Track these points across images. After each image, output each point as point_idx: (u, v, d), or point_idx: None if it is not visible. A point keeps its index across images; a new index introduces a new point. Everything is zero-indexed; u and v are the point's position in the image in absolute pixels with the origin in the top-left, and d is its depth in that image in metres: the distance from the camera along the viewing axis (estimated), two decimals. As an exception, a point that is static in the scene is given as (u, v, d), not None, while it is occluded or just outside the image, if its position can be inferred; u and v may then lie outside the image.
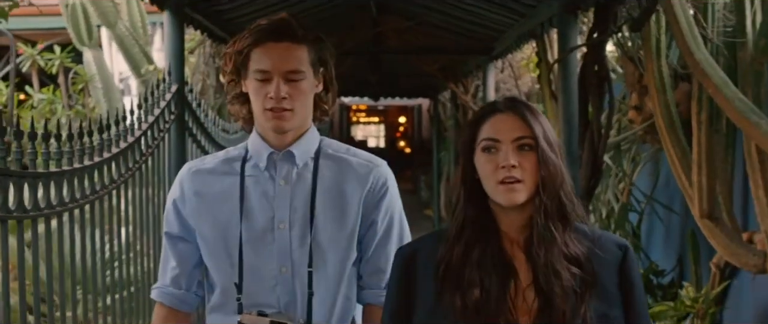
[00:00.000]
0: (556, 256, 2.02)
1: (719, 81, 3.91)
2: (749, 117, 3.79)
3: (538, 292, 2.03)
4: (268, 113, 2.33)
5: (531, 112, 2.08)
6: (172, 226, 2.46)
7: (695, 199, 4.46)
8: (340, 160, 2.44)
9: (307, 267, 2.37)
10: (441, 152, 15.66)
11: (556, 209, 2.05)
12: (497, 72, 9.55)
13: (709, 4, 4.10)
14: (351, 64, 10.99)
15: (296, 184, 2.39)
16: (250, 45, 2.33)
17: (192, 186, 2.44)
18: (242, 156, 2.43)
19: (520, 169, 2.01)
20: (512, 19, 6.87)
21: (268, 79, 2.32)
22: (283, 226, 2.38)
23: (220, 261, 2.41)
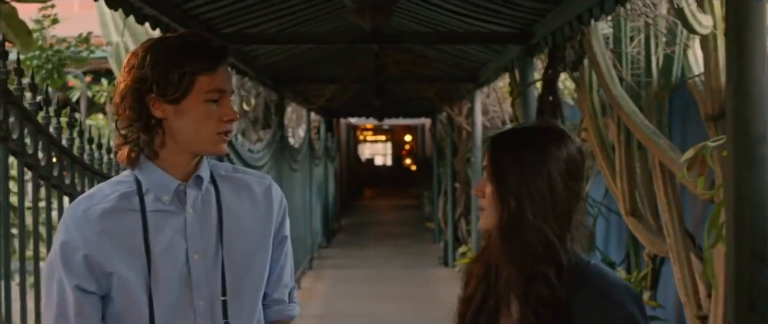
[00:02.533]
0: (522, 294, 2.01)
1: (630, 111, 5.20)
2: (652, 138, 5.07)
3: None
4: (220, 137, 2.20)
5: (501, 141, 2.09)
6: (82, 280, 2.18)
7: (620, 201, 5.75)
8: (235, 180, 2.34)
9: (221, 296, 2.24)
10: (440, 168, 16.89)
11: (520, 247, 2.01)
12: (484, 96, 10.88)
13: (622, 52, 5.39)
14: (357, 90, 12.37)
15: (204, 212, 2.26)
16: (204, 69, 2.15)
17: (95, 230, 2.19)
18: (135, 190, 2.22)
19: (485, 198, 2.07)
20: (489, 56, 8.22)
21: (219, 100, 2.18)
22: (197, 257, 2.24)
23: (134, 309, 2.20)
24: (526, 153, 2.01)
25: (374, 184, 35.60)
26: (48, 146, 3.17)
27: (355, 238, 18.29)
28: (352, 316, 9.80)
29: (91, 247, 2.16)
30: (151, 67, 2.11)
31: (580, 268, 2.01)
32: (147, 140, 2.16)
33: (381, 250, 16.08)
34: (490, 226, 2.06)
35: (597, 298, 1.97)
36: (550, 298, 1.97)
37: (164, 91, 2.11)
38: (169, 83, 2.11)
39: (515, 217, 1.99)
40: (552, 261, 1.99)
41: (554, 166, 2.00)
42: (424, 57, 9.77)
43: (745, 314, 2.64)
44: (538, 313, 1.97)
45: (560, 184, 1.99)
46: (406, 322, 9.45)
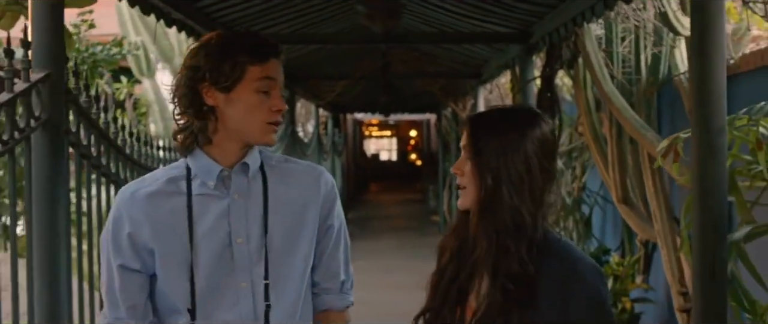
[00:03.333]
0: (491, 268, 2.09)
1: (621, 106, 5.61)
2: (641, 131, 5.48)
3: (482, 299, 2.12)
4: (271, 126, 2.30)
5: (480, 121, 2.16)
6: (127, 258, 2.32)
7: (613, 190, 6.17)
8: (284, 168, 2.43)
9: (263, 279, 2.33)
10: (445, 163, 17.30)
11: (491, 225, 2.09)
12: (487, 92, 11.30)
13: (613, 52, 5.81)
14: (364, 86, 12.79)
15: (249, 198, 2.35)
16: (258, 61, 2.27)
17: (142, 212, 2.32)
18: (184, 175, 2.34)
19: (463, 177, 2.14)
20: (491, 54, 8.63)
21: (268, 92, 2.28)
22: (240, 241, 2.33)
23: (175, 288, 2.32)
24: (504, 132, 2.08)
25: (380, 179, 35.93)
26: (98, 139, 3.59)
27: (362, 231, 18.68)
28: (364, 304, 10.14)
29: (136, 226, 2.29)
30: (205, 57, 2.25)
31: (551, 244, 2.09)
32: (200, 127, 2.28)
33: (388, 243, 16.47)
34: (469, 204, 2.13)
35: (566, 273, 2.05)
36: (519, 274, 2.04)
37: (216, 79, 2.24)
38: (220, 72, 2.23)
39: (492, 193, 2.07)
40: (524, 237, 2.07)
41: (530, 145, 2.08)
42: (430, 55, 10.18)
43: (708, 283, 3.06)
44: (505, 289, 2.04)
45: (536, 162, 2.08)
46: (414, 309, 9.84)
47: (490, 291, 2.08)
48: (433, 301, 2.21)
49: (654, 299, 6.59)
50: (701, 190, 3.05)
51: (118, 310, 2.34)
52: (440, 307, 2.19)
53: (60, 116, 3.11)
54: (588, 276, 2.07)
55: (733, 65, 5.20)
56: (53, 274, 3.06)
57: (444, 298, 2.19)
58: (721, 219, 3.03)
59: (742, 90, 5.08)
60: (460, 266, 2.18)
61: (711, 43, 2.99)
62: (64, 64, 3.16)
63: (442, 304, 2.19)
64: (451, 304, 2.17)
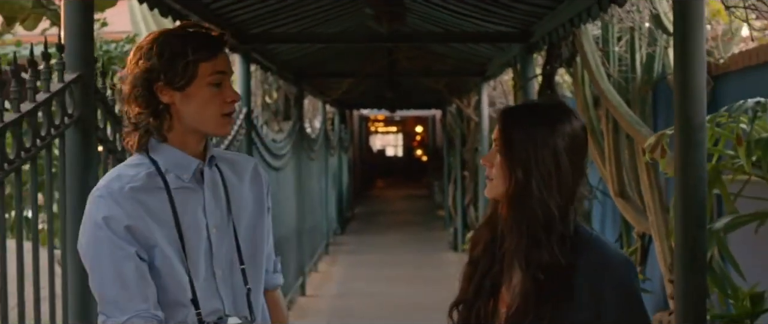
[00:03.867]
0: (523, 260, 2.13)
1: (617, 103, 5.85)
2: (636, 127, 5.72)
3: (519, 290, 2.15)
4: (225, 118, 2.37)
5: (512, 116, 2.19)
6: (132, 244, 2.30)
7: (610, 184, 6.41)
8: (230, 160, 2.53)
9: (239, 264, 2.42)
10: (450, 158, 17.54)
11: (523, 219, 2.13)
12: (490, 89, 11.55)
13: (610, 51, 6.05)
14: (370, 83, 13.04)
15: (214, 188, 2.43)
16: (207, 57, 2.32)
17: (136, 205, 2.32)
18: (155, 171, 2.36)
19: (493, 169, 2.18)
20: (494, 52, 8.88)
21: (220, 84, 2.34)
22: (215, 230, 2.40)
23: (177, 279, 2.35)
24: (535, 127, 2.11)
25: (386, 174, 36.16)
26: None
27: (368, 226, 18.96)
28: (369, 296, 10.44)
29: (134, 220, 2.28)
30: (158, 58, 2.28)
31: (583, 239, 2.12)
32: (156, 125, 2.32)
33: (393, 237, 16.74)
34: (496, 195, 2.18)
35: (598, 266, 2.09)
36: (550, 264, 2.08)
37: (171, 79, 2.29)
38: (174, 72, 2.28)
39: (522, 187, 2.11)
40: (554, 230, 2.10)
41: (560, 140, 2.10)
42: (435, 53, 10.42)
43: (689, 267, 3.30)
44: (537, 280, 2.09)
45: (565, 158, 2.10)
46: (419, 301, 10.09)
47: (523, 282, 2.12)
48: (467, 293, 2.23)
49: (650, 289, 6.83)
50: (683, 182, 3.29)
51: (137, 301, 2.26)
52: (474, 299, 2.21)
53: (90, 114, 3.37)
54: (621, 269, 2.12)
55: (722, 65, 5.44)
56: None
57: (478, 290, 2.21)
58: (702, 209, 3.28)
59: (731, 88, 5.32)
60: (493, 258, 2.21)
61: (691, 48, 3.23)
62: (94, 65, 3.42)
63: (476, 295, 2.21)
64: (485, 296, 2.20)
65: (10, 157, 2.74)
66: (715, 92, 5.54)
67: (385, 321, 9.18)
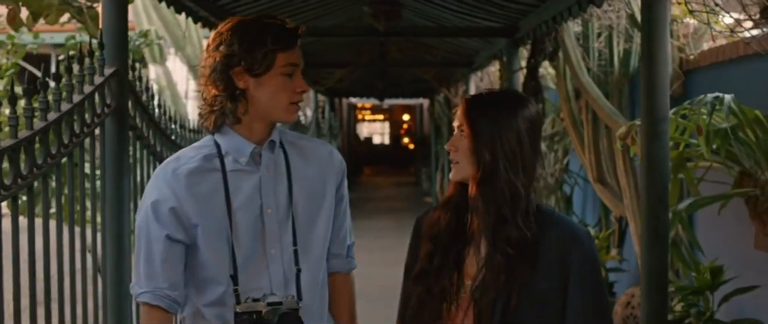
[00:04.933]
0: (496, 239, 2.26)
1: (596, 95, 6.29)
2: (613, 117, 6.16)
3: (484, 264, 2.29)
4: (294, 106, 2.50)
5: (478, 102, 2.32)
6: (171, 228, 2.46)
7: (589, 171, 6.87)
8: (301, 145, 2.63)
9: (292, 246, 2.51)
10: (438, 146, 17.97)
11: (490, 197, 2.27)
12: (478, 80, 11.99)
13: (590, 47, 6.50)
14: (361, 73, 13.47)
15: (275, 172, 2.53)
16: (284, 46, 2.44)
17: (185, 187, 2.47)
18: (215, 153, 2.51)
19: (457, 153, 2.32)
20: (482, 45, 9.33)
21: (291, 74, 2.46)
22: (270, 212, 2.50)
23: (218, 256, 2.47)
24: (499, 112, 2.27)
25: (373, 162, 36.47)
26: (148, 123, 4.26)
27: (358, 212, 19.33)
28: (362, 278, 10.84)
29: (180, 201, 2.45)
30: (239, 45, 2.42)
31: (546, 215, 2.30)
32: (232, 108, 2.46)
33: (384, 223, 17.14)
34: (463, 177, 2.32)
35: (566, 239, 2.26)
36: (518, 239, 2.24)
37: (250, 66, 2.42)
38: (254, 59, 2.41)
39: (490, 168, 2.25)
40: (519, 208, 2.26)
41: (522, 123, 2.27)
42: (425, 44, 10.85)
43: (653, 243, 3.76)
44: (506, 253, 2.24)
45: (526, 139, 2.27)
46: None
47: (491, 256, 2.26)
48: (429, 267, 2.35)
49: (627, 269, 7.30)
50: (648, 167, 3.75)
51: (157, 280, 2.46)
52: (438, 273, 2.33)
53: (125, 105, 3.79)
54: (585, 239, 2.29)
55: (693, 61, 5.89)
56: (120, 235, 3.75)
57: (442, 265, 2.33)
58: (664, 190, 3.74)
59: (701, 83, 5.77)
60: (455, 236, 2.34)
61: (656, 50, 3.68)
62: (127, 60, 3.84)
63: (440, 269, 2.33)
64: (449, 270, 2.33)
65: (64, 142, 3.14)
66: (687, 86, 5.99)
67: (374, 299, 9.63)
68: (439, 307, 2.35)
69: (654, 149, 3.71)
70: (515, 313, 2.23)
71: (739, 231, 4.79)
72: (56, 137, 3.06)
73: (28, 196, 2.89)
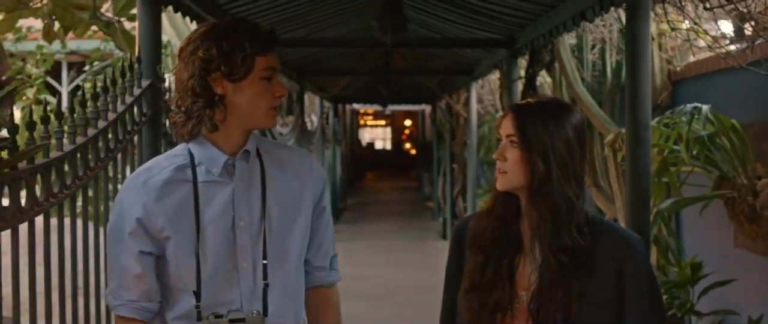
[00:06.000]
0: (552, 248, 2.23)
1: (590, 104, 6.69)
2: (606, 125, 6.56)
3: (539, 272, 2.27)
4: (272, 112, 2.41)
5: (528, 113, 2.29)
6: (141, 243, 2.40)
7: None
8: (279, 154, 2.53)
9: (262, 260, 2.43)
10: (440, 151, 18.33)
11: (544, 206, 2.24)
12: (479, 87, 12.39)
13: (584, 58, 6.90)
14: (366, 80, 13.87)
15: (249, 182, 2.45)
16: (260, 50, 2.35)
17: (153, 198, 2.40)
18: (188, 163, 2.43)
19: (506, 162, 2.28)
20: (483, 54, 9.73)
21: (270, 78, 2.38)
22: (242, 224, 2.42)
23: (186, 269, 2.41)
24: (549, 120, 2.24)
25: (375, 167, 36.79)
26: (177, 130, 4.64)
27: (361, 216, 19.74)
28: (363, 278, 11.26)
29: (149, 214, 2.38)
30: (217, 50, 2.31)
31: (596, 223, 2.29)
32: (210, 115, 2.36)
33: (386, 226, 17.54)
34: (511, 187, 2.30)
35: (620, 245, 2.25)
36: (573, 248, 2.22)
37: (230, 71, 2.33)
38: (234, 64, 2.32)
39: (544, 177, 2.23)
40: (573, 217, 2.24)
41: (570, 132, 2.25)
42: (428, 53, 11.25)
43: (637, 238, 4.14)
44: (562, 262, 2.22)
45: (576, 148, 2.26)
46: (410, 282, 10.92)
47: (547, 266, 2.24)
48: (481, 279, 2.32)
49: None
50: (632, 171, 4.14)
51: (131, 292, 2.42)
52: (491, 285, 2.31)
53: (159, 113, 4.18)
54: (639, 248, 2.28)
55: (680, 72, 6.29)
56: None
57: (494, 276, 2.31)
58: (646, 192, 4.13)
59: (687, 92, 6.17)
60: (506, 246, 2.32)
61: (638, 64, 4.08)
62: (160, 74, 4.23)
63: (493, 281, 2.30)
64: (503, 280, 2.30)
65: (110, 147, 3.53)
66: (674, 95, 6.39)
67: (380, 298, 10.05)
68: (492, 320, 2.32)
69: (637, 154, 4.10)
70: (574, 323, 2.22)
71: (721, 230, 5.19)
72: (104, 142, 3.44)
73: (83, 195, 3.28)
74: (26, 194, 2.70)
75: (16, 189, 2.61)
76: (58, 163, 2.93)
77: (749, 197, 4.61)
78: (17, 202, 2.62)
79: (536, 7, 6.26)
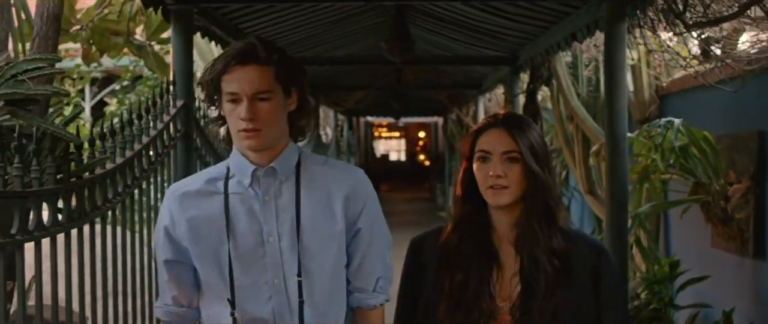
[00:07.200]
0: (540, 249, 2.27)
1: (584, 116, 7.20)
2: (599, 137, 7.05)
3: (522, 280, 2.29)
4: (242, 133, 2.36)
5: (520, 127, 2.31)
6: (166, 252, 2.48)
7: (580, 184, 7.76)
8: (320, 171, 2.50)
9: (297, 276, 2.41)
10: (451, 162, 18.85)
11: (541, 211, 2.28)
12: (486, 100, 12.92)
13: (579, 74, 7.41)
14: (379, 94, 14.39)
15: (280, 198, 2.44)
16: (220, 72, 2.34)
17: (181, 210, 2.45)
18: (224, 175, 2.45)
19: (506, 178, 2.28)
20: (488, 70, 10.27)
21: (237, 101, 2.34)
22: (272, 239, 2.42)
23: (213, 279, 2.44)
24: (535, 130, 2.33)
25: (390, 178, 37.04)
26: (206, 145, 5.18)
27: (375, 226, 20.18)
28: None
29: (174, 224, 2.46)
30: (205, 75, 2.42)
31: (566, 229, 2.35)
32: (227, 133, 2.47)
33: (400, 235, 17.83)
34: (513, 201, 2.31)
35: (592, 249, 2.33)
36: (557, 251, 2.28)
37: (206, 92, 2.42)
38: (207, 86, 2.40)
39: (543, 180, 2.28)
40: (556, 221, 2.31)
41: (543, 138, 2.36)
42: (437, 69, 11.78)
43: (615, 240, 4.64)
44: (552, 264, 2.27)
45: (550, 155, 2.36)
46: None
47: (530, 272, 2.29)
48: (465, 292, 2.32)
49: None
50: (611, 178, 4.65)
51: (164, 297, 2.54)
52: (476, 297, 2.31)
53: (191, 131, 4.71)
54: (610, 255, 2.39)
55: (666, 87, 6.79)
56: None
57: (479, 288, 2.31)
58: (624, 197, 4.64)
59: (673, 106, 6.67)
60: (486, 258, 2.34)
61: (615, 84, 4.60)
62: (193, 94, 4.77)
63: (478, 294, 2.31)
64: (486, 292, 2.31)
65: (152, 159, 4.07)
66: (662, 108, 6.89)
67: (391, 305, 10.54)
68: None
69: (615, 164, 4.61)
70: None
71: (699, 232, 5.68)
72: (146, 156, 3.98)
73: (130, 201, 3.81)
74: (87, 200, 3.21)
75: (80, 196, 3.13)
76: (111, 175, 3.45)
77: (722, 202, 5.10)
78: (82, 206, 3.14)
79: (534, 28, 6.78)
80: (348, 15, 7.37)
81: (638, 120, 6.76)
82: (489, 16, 6.63)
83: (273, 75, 2.37)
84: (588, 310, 2.28)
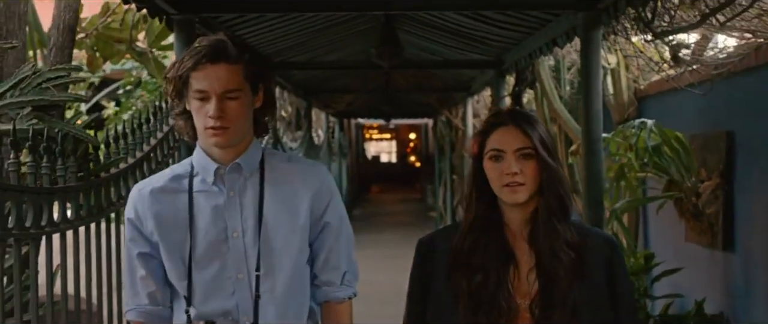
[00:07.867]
0: (558, 243, 2.28)
1: (567, 118, 7.51)
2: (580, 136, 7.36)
3: (540, 275, 2.29)
4: (209, 131, 2.36)
5: (529, 123, 2.31)
6: (139, 244, 2.48)
7: (564, 182, 8.07)
8: (284, 167, 2.52)
9: (256, 270, 2.43)
10: (441, 163, 19.10)
11: (556, 205, 2.29)
12: (474, 102, 13.22)
13: (561, 77, 7.73)
14: (369, 97, 14.69)
15: (245, 194, 2.45)
16: (189, 69, 2.34)
17: (146, 206, 2.46)
18: (188, 172, 2.47)
19: (522, 174, 2.27)
20: (476, 73, 10.59)
21: (206, 99, 2.34)
22: (236, 235, 2.44)
23: (178, 276, 2.45)
24: (541, 124, 2.36)
25: (381, 179, 37.20)
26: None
27: (367, 226, 20.41)
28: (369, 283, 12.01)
29: (142, 219, 2.48)
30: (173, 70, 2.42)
31: (579, 223, 2.40)
32: (180, 127, 2.49)
33: (391, 236, 18.25)
34: (529, 196, 2.30)
35: (604, 243, 2.36)
36: (572, 244, 2.29)
37: (173, 87, 2.41)
38: (174, 81, 2.39)
39: (556, 172, 2.30)
40: (570, 213, 2.33)
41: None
42: (426, 72, 12.07)
43: (593, 232, 4.95)
44: (569, 257, 2.27)
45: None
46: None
47: (548, 266, 2.28)
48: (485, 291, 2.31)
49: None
50: (587, 176, 4.96)
51: (139, 297, 2.52)
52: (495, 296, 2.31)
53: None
54: (620, 248, 2.43)
55: (643, 90, 7.10)
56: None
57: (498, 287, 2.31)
58: (600, 193, 4.94)
59: (651, 108, 6.97)
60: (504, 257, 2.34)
61: (591, 87, 4.92)
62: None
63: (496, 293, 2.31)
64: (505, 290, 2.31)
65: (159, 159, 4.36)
66: (640, 109, 7.19)
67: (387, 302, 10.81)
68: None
69: (591, 163, 4.92)
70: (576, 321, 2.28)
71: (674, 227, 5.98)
72: (154, 157, 4.28)
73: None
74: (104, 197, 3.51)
75: (98, 192, 3.43)
76: (124, 174, 3.74)
77: (694, 198, 5.40)
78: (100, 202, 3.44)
79: (518, 34, 7.10)
80: (338, 22, 7.66)
81: (618, 121, 7.07)
82: (475, 23, 6.94)
83: (242, 74, 2.38)
84: (601, 302, 2.30)
